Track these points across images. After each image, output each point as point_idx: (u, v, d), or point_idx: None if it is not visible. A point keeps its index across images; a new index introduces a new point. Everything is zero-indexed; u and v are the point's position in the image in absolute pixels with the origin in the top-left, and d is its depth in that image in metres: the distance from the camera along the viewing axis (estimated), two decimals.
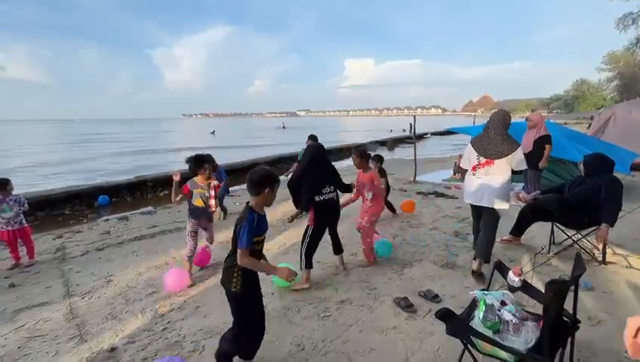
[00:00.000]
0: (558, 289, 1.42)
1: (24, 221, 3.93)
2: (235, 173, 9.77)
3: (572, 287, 1.63)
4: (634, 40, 19.63)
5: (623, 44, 22.35)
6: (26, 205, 3.95)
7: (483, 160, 3.13)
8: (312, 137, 4.82)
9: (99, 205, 7.62)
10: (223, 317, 2.62)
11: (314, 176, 3.05)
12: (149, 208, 6.91)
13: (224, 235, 4.39)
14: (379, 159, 5.10)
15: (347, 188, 3.31)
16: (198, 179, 3.35)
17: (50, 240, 4.91)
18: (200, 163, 3.34)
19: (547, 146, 4.99)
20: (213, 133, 41.26)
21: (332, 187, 3.13)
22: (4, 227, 3.77)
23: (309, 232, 3.07)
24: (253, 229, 1.76)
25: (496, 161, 3.05)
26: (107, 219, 6.16)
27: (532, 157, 5.05)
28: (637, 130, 8.37)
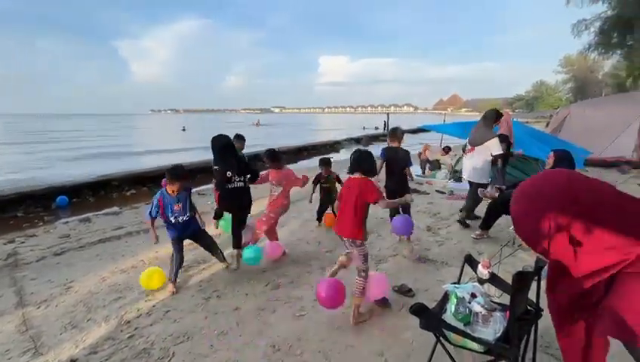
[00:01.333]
0: (523, 280, 1.48)
1: None
2: (205, 173, 9.34)
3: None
4: (586, 45, 21.11)
5: (578, 48, 23.98)
6: None
7: (469, 147, 4.29)
8: (239, 137, 4.60)
9: (57, 206, 7.09)
10: (194, 321, 2.53)
11: (224, 166, 3.21)
12: (115, 208, 6.53)
13: None
14: (325, 163, 4.52)
15: (255, 174, 3.47)
16: None
17: (1, 245, 4.50)
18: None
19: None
20: (184, 129, 39.96)
21: (242, 177, 3.28)
22: None
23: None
24: None
25: (476, 148, 4.18)
26: (67, 222, 5.75)
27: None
28: (590, 129, 9.04)
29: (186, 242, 3.09)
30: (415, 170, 8.44)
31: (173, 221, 2.93)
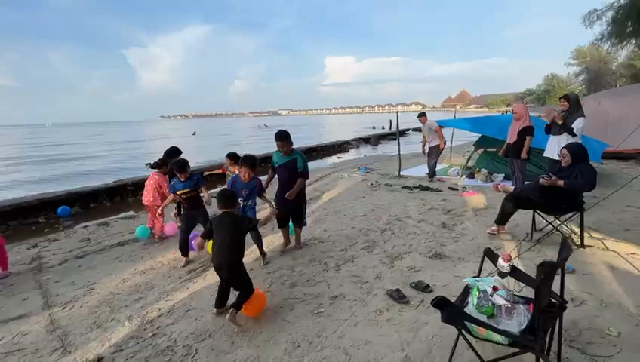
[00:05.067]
0: (548, 271, 1.47)
1: None
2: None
3: (558, 270, 1.69)
4: (599, 35, 20.56)
5: (589, 39, 23.38)
6: None
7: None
8: (173, 151, 4.78)
9: (59, 216, 7.01)
10: (214, 319, 2.57)
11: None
12: (131, 213, 6.68)
13: None
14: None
15: None
16: None
17: (25, 250, 4.65)
18: None
19: (527, 137, 5.17)
20: (194, 134, 40.74)
21: None
22: None
23: None
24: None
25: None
26: (86, 226, 5.91)
27: (516, 147, 5.25)
28: (606, 121, 8.81)
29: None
30: (425, 168, 8.08)
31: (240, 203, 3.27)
